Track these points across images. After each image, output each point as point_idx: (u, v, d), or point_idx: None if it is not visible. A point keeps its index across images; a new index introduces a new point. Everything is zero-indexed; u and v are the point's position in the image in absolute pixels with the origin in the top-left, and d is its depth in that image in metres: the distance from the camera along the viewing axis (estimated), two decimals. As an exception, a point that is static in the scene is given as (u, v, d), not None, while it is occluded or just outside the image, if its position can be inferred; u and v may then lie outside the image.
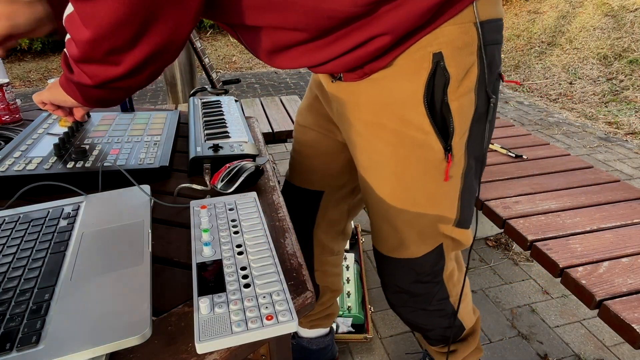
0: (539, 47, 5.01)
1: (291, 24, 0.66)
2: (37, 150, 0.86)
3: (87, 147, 0.88)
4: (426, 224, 0.86)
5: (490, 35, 0.71)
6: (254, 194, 0.73)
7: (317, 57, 0.72)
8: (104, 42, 0.58)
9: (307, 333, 1.33)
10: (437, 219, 0.86)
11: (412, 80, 0.72)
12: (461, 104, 0.74)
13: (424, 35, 0.68)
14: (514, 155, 1.68)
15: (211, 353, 0.46)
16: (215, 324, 0.48)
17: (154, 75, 0.67)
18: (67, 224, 0.65)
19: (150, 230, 0.62)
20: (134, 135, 0.95)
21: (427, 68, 0.70)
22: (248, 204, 0.70)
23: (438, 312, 0.99)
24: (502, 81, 0.81)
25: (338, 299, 1.55)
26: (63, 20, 0.63)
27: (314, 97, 0.99)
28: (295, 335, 1.35)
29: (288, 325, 0.48)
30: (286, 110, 2.28)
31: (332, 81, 0.82)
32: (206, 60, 2.40)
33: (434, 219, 0.86)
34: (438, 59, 0.70)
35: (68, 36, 0.64)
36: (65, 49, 0.68)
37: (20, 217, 0.67)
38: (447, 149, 0.77)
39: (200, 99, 1.17)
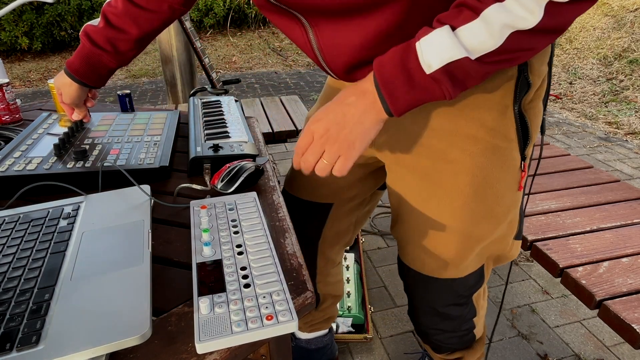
0: (539, 47, 5.01)
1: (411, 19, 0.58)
2: (37, 150, 0.86)
3: (87, 147, 0.88)
4: (490, 240, 0.81)
5: (554, 46, 0.71)
6: (254, 194, 0.73)
7: None
8: None
9: (305, 335, 1.32)
10: (504, 233, 0.82)
11: (498, 86, 0.68)
12: (535, 113, 0.73)
13: None
14: (514, 155, 1.68)
15: (211, 353, 0.46)
16: (215, 324, 0.48)
17: None
18: (67, 224, 0.65)
19: (150, 230, 0.62)
20: (134, 135, 0.95)
21: (513, 75, 0.67)
22: (248, 204, 0.70)
23: (463, 332, 0.97)
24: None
25: (338, 299, 1.55)
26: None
27: None
28: (292, 337, 1.34)
29: (288, 325, 0.48)
30: (286, 110, 2.27)
31: None
32: (206, 60, 2.40)
33: (503, 232, 0.81)
34: (523, 66, 0.67)
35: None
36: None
37: (20, 217, 0.67)
38: (523, 158, 0.75)
39: (200, 99, 1.16)
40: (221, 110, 1.07)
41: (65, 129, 0.94)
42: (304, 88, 4.55)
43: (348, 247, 1.81)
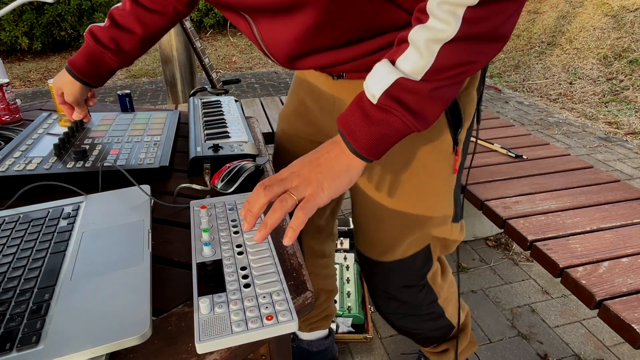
0: (539, 47, 5.01)
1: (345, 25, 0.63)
2: (37, 150, 0.86)
3: (87, 147, 0.88)
4: (426, 224, 0.85)
5: None
6: (254, 194, 0.73)
7: (340, 57, 0.70)
8: None
9: (306, 335, 1.33)
10: (439, 217, 0.85)
11: None
12: (467, 100, 0.77)
13: None
14: (514, 155, 1.68)
15: (211, 353, 0.46)
16: (215, 324, 0.48)
17: None
18: (67, 224, 0.65)
19: (150, 230, 0.62)
20: (134, 135, 0.95)
21: None
22: (248, 204, 0.70)
23: (427, 316, 0.99)
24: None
25: (338, 299, 1.55)
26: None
27: (300, 102, 0.95)
28: (294, 338, 1.35)
29: (288, 325, 0.48)
30: (286, 110, 2.27)
31: (333, 79, 0.80)
32: (206, 60, 2.40)
33: (437, 217, 0.85)
34: None
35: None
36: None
37: (20, 217, 0.67)
38: (456, 142, 0.78)
39: (200, 99, 1.16)
40: (221, 110, 1.07)
41: (65, 129, 0.94)
42: (304, 88, 4.55)
43: (348, 247, 1.81)
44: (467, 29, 0.51)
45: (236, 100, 1.16)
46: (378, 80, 0.56)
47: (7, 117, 1.13)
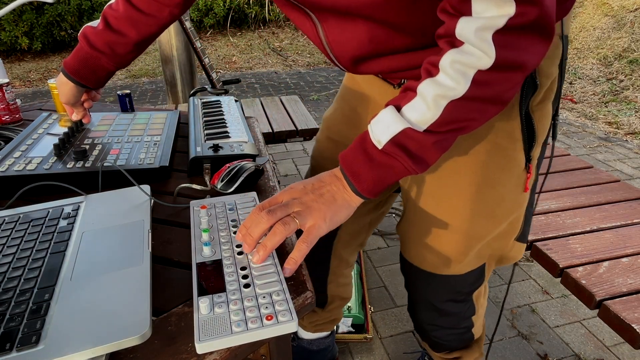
0: (539, 47, 5.01)
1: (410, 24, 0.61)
2: (37, 150, 0.86)
3: (87, 147, 0.88)
4: (493, 241, 0.82)
5: (566, 48, 0.71)
6: (254, 194, 0.73)
7: (406, 62, 0.68)
8: None
9: (307, 334, 1.33)
10: (504, 233, 0.82)
11: None
12: (542, 114, 0.73)
13: None
14: (514, 155, 1.68)
15: (211, 353, 0.46)
16: (215, 324, 0.48)
17: None
18: (67, 224, 0.65)
19: (150, 230, 0.62)
20: (134, 136, 0.95)
21: None
22: (248, 204, 0.70)
23: (460, 329, 0.97)
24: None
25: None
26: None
27: (351, 109, 0.92)
28: (295, 336, 1.35)
29: (288, 325, 0.48)
30: (286, 110, 2.27)
31: (394, 87, 0.77)
32: (206, 60, 2.40)
33: (502, 232, 0.82)
34: None
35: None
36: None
37: (20, 217, 0.67)
38: (528, 159, 0.75)
39: (200, 99, 1.16)
40: (221, 110, 1.07)
41: (65, 129, 0.94)
42: (304, 88, 4.55)
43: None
44: (475, 90, 0.53)
45: (236, 100, 1.16)
46: (385, 128, 0.58)
47: (7, 117, 1.13)
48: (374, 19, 0.61)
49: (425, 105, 0.56)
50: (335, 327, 1.49)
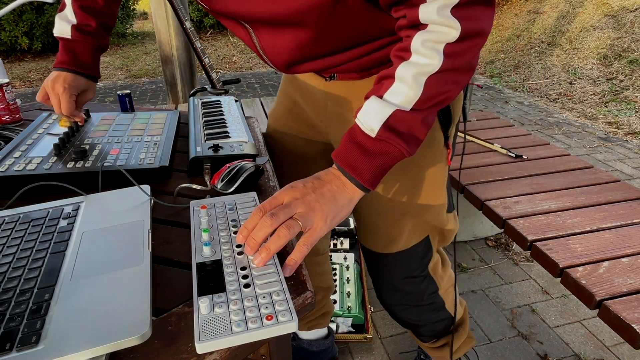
0: (539, 47, 5.01)
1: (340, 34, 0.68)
2: (37, 150, 0.86)
3: (87, 147, 0.88)
4: (424, 213, 0.89)
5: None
6: (254, 194, 0.73)
7: (335, 61, 0.74)
8: None
9: (306, 335, 1.33)
10: (435, 207, 0.89)
11: None
12: (457, 99, 0.81)
13: None
14: (514, 155, 1.68)
15: (211, 353, 0.46)
16: (215, 324, 0.48)
17: None
18: (67, 224, 0.65)
19: (150, 230, 0.62)
20: (134, 136, 0.95)
21: None
22: (248, 204, 0.70)
23: (429, 307, 1.02)
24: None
25: (338, 299, 1.55)
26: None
27: (292, 102, 0.98)
28: (295, 337, 1.35)
29: (288, 325, 0.48)
30: (286, 110, 2.27)
31: (326, 80, 0.83)
32: (206, 60, 2.40)
33: (433, 206, 0.89)
34: None
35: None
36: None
37: (20, 217, 0.67)
38: (446, 137, 0.84)
39: (200, 99, 1.16)
40: (221, 110, 1.07)
41: (65, 129, 0.94)
42: (304, 88, 4.55)
43: (348, 247, 1.81)
44: (448, 62, 0.58)
45: (236, 100, 1.16)
46: (374, 115, 0.60)
47: (7, 117, 1.13)
48: (300, 27, 0.66)
49: (407, 86, 0.59)
50: (335, 328, 1.49)
